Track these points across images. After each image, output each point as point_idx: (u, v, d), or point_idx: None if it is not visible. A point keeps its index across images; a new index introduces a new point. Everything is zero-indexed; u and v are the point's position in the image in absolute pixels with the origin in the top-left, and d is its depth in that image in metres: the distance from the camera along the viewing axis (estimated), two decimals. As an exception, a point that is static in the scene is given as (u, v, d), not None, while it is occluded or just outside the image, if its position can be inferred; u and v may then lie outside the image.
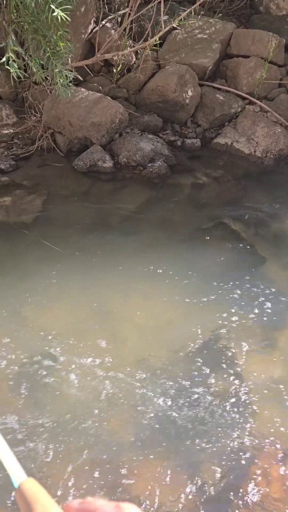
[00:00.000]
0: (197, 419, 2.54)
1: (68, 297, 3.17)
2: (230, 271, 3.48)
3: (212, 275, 3.42)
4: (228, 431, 2.50)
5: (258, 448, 2.46)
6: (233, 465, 2.37)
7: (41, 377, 2.67)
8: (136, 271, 3.39)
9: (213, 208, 4.08)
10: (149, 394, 2.63)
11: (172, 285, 3.31)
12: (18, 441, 2.38)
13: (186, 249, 3.63)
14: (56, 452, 2.36)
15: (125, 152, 4.33)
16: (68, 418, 2.50)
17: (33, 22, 3.23)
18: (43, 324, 2.97)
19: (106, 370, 2.73)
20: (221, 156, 4.66)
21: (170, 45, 4.84)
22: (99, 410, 2.54)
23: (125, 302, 3.18)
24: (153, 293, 3.25)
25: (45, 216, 3.83)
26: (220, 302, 3.22)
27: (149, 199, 4.13)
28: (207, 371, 2.78)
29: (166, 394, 2.63)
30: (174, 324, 3.05)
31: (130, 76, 4.75)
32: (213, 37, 4.92)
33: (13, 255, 3.42)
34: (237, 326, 3.07)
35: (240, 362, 2.85)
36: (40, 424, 2.47)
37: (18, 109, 4.65)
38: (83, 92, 4.40)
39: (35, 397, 2.58)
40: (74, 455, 2.36)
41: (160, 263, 3.47)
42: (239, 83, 4.86)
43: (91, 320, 3.03)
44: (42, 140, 4.40)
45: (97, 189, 4.16)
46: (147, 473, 2.32)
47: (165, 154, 4.42)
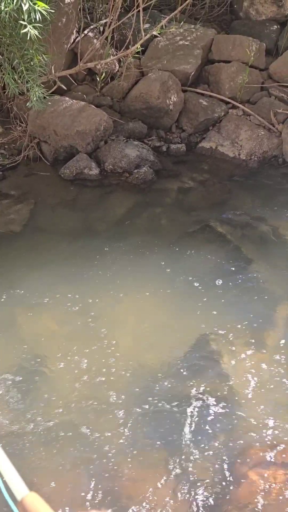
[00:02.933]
0: (189, 422, 2.56)
1: (58, 304, 3.19)
2: (217, 273, 3.52)
3: (200, 278, 3.46)
4: (220, 433, 2.53)
5: (249, 449, 2.48)
6: (226, 467, 2.40)
7: (32, 384, 2.68)
8: (125, 276, 3.42)
9: (199, 211, 4.13)
10: (142, 398, 2.65)
11: (161, 288, 3.35)
12: (9, 449, 2.38)
13: (174, 252, 3.67)
14: (49, 461, 2.37)
15: (111, 159, 4.37)
16: (61, 425, 2.51)
17: (11, 35, 3.28)
18: (33, 332, 2.99)
19: (97, 375, 2.74)
20: (206, 160, 4.72)
21: (152, 53, 4.91)
22: (92, 416, 2.55)
23: (114, 307, 3.20)
24: (142, 297, 3.28)
25: (33, 224, 3.85)
26: (208, 304, 3.25)
27: (136, 205, 4.17)
28: (198, 374, 2.80)
29: (159, 398, 2.65)
30: (164, 327, 3.08)
31: (114, 84, 4.80)
32: (194, 43, 4.99)
33: (2, 264, 3.44)
34: (226, 328, 3.10)
35: (230, 364, 2.88)
36: (32, 431, 2.48)
37: (4, 120, 4.68)
38: (67, 101, 4.44)
39: (26, 405, 2.59)
40: (68, 463, 2.36)
41: (148, 268, 3.50)
42: (222, 87, 4.93)
43: (82, 326, 3.05)
44: (28, 150, 4.44)
45: (84, 196, 4.20)
46: (141, 477, 2.33)
47: (150, 160, 4.47)
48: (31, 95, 3.66)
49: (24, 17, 2.97)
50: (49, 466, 2.35)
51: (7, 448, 2.38)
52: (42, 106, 3.84)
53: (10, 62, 3.68)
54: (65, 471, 2.33)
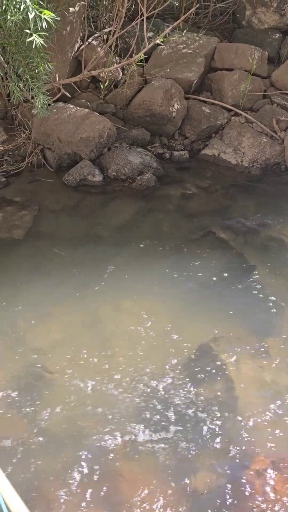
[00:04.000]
0: (189, 427, 2.56)
1: (61, 310, 3.20)
2: (220, 279, 3.52)
3: (202, 284, 3.47)
4: (222, 440, 2.52)
5: (250, 454, 2.47)
6: (226, 472, 2.39)
7: (35, 391, 2.69)
8: (127, 282, 3.43)
9: (202, 218, 4.15)
10: (145, 404, 2.65)
11: (163, 294, 3.35)
12: (12, 457, 2.39)
13: (176, 259, 3.68)
14: (53, 467, 2.36)
15: (114, 166, 4.40)
16: (64, 432, 2.51)
17: (16, 43, 3.32)
18: (36, 337, 2.99)
19: (99, 381, 2.74)
20: (209, 167, 4.74)
21: (155, 61, 4.96)
22: (95, 423, 2.55)
23: (117, 313, 3.21)
24: (144, 303, 3.29)
25: (36, 230, 3.87)
26: (210, 310, 3.26)
27: (139, 211, 4.18)
28: (200, 379, 2.80)
29: (160, 404, 2.65)
30: (166, 333, 3.08)
31: (117, 92, 4.85)
32: (197, 51, 5.03)
33: (4, 270, 3.46)
34: (228, 334, 3.10)
35: (232, 369, 2.88)
36: (35, 438, 2.48)
37: (8, 127, 4.72)
38: (71, 108, 4.48)
39: (29, 412, 2.59)
40: (71, 469, 2.36)
41: (151, 274, 3.51)
42: (224, 95, 4.97)
43: (85, 332, 3.06)
44: (32, 157, 4.47)
45: (87, 203, 4.22)
46: (141, 482, 2.33)
47: (153, 166, 4.50)
48: (36, 102, 3.70)
49: (30, 26, 3.01)
50: (52, 472, 2.34)
51: (12, 454, 2.39)
52: (46, 113, 3.88)
53: (15, 70, 3.72)
54: (68, 476, 2.33)
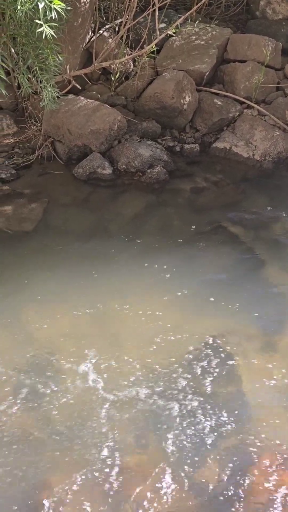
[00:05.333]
0: (197, 423, 2.55)
1: (69, 304, 3.20)
2: (230, 275, 3.49)
3: (212, 279, 3.44)
4: (228, 434, 2.51)
5: (258, 451, 2.46)
6: (234, 466, 2.37)
7: (42, 384, 2.70)
8: (136, 276, 3.42)
9: (212, 212, 4.11)
10: (150, 399, 2.64)
11: (172, 289, 3.33)
12: (18, 451, 2.40)
13: (186, 253, 3.65)
14: (55, 460, 2.37)
15: (124, 159, 4.37)
16: (69, 425, 2.51)
17: (26, 34, 3.29)
18: (44, 331, 3.00)
19: (106, 375, 2.74)
20: (220, 160, 4.69)
21: (167, 52, 4.90)
22: (100, 415, 2.55)
23: (125, 308, 3.20)
24: (153, 298, 3.28)
25: (45, 223, 3.87)
26: (220, 306, 3.23)
27: (148, 205, 4.16)
28: (207, 376, 2.79)
29: (167, 399, 2.64)
30: (175, 328, 3.06)
31: (128, 84, 4.80)
32: (210, 43, 4.96)
33: (14, 263, 3.46)
34: (237, 330, 3.08)
35: (240, 364, 2.86)
36: (41, 430, 2.49)
37: (19, 119, 4.71)
38: (81, 100, 4.45)
39: (35, 404, 2.60)
40: (75, 463, 2.37)
41: (160, 268, 3.49)
42: (237, 87, 4.90)
43: (92, 326, 3.06)
44: (42, 149, 4.46)
45: (97, 195, 4.20)
46: (147, 476, 2.33)
47: (164, 159, 4.46)
48: (44, 94, 3.68)
49: (40, 16, 2.97)
50: (59, 465, 2.35)
51: (17, 446, 2.40)
52: (54, 106, 3.85)
53: (25, 62, 3.70)
54: (73, 469, 2.34)
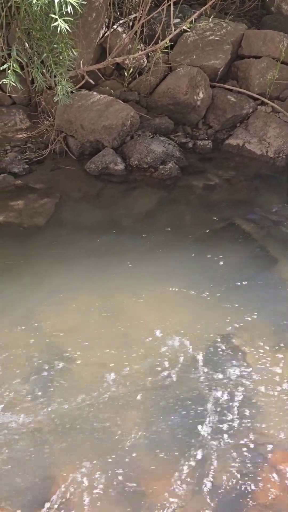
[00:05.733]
0: (209, 421, 2.54)
1: (80, 298, 3.20)
2: (241, 272, 3.47)
3: (223, 276, 3.42)
4: (239, 431, 2.50)
5: (269, 449, 2.44)
6: (245, 464, 2.36)
7: (52, 378, 2.70)
8: (147, 273, 3.41)
9: (224, 209, 4.08)
10: (162, 395, 2.64)
11: (183, 286, 3.32)
12: (28, 441, 2.41)
13: (197, 250, 3.63)
14: (65, 453, 2.38)
15: (137, 155, 4.36)
16: (80, 420, 2.52)
17: (41, 29, 3.29)
18: (55, 325, 3.01)
19: (117, 371, 2.75)
20: (233, 157, 4.65)
21: (181, 48, 4.86)
22: (111, 410, 2.56)
23: (136, 303, 3.20)
24: (164, 294, 3.27)
25: (57, 218, 3.88)
26: (231, 304, 3.21)
27: (160, 201, 4.14)
28: (218, 373, 2.78)
29: (177, 396, 2.64)
30: (185, 325, 3.06)
31: (142, 79, 4.78)
32: (224, 38, 4.92)
33: (26, 257, 3.48)
34: (248, 328, 3.06)
35: (252, 364, 2.84)
36: (51, 424, 2.50)
37: (31, 114, 4.72)
38: (94, 95, 4.45)
39: (47, 398, 2.61)
40: (84, 457, 2.38)
41: (171, 264, 3.48)
42: (251, 84, 4.85)
43: (103, 321, 3.06)
44: (54, 144, 4.46)
45: (108, 191, 4.20)
46: (159, 474, 2.33)
47: (176, 156, 4.44)
48: (58, 89, 3.68)
49: (55, 11, 2.97)
50: (68, 459, 2.36)
51: (28, 441, 2.41)
52: (68, 101, 3.85)
53: (39, 56, 3.70)
54: (83, 464, 2.34)
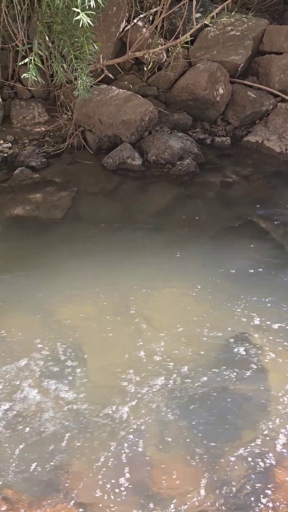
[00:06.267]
0: (221, 416, 2.53)
1: (95, 292, 3.21)
2: (258, 271, 3.44)
3: (239, 274, 3.39)
4: (252, 429, 2.48)
5: (283, 450, 2.42)
6: (257, 463, 2.35)
7: (65, 370, 2.72)
8: (163, 269, 3.40)
9: (242, 206, 4.05)
10: (172, 393, 2.63)
11: (199, 283, 3.30)
12: (41, 434, 2.43)
13: (213, 247, 3.61)
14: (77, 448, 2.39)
15: (154, 150, 4.34)
16: (91, 413, 2.53)
17: (62, 22, 3.29)
18: (69, 317, 3.02)
19: (129, 366, 2.75)
20: (251, 154, 4.61)
21: (201, 43, 4.82)
22: (124, 405, 2.56)
23: (151, 299, 3.19)
24: (179, 291, 3.26)
25: (74, 212, 3.89)
26: (247, 302, 3.18)
27: (177, 197, 4.13)
28: (232, 372, 2.76)
29: (191, 393, 2.63)
30: (200, 323, 3.04)
31: (161, 74, 4.76)
32: (245, 34, 4.86)
33: (43, 250, 3.50)
34: (264, 327, 3.03)
35: (267, 363, 2.82)
36: (64, 416, 2.51)
37: (50, 108, 4.74)
38: (113, 90, 4.44)
39: (58, 390, 2.62)
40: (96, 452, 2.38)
41: (187, 261, 3.47)
42: (271, 80, 4.79)
43: (118, 316, 3.06)
44: (72, 138, 4.47)
45: (125, 186, 4.20)
46: (171, 469, 2.33)
47: (194, 152, 4.41)
48: (78, 83, 3.68)
49: (78, 4, 2.97)
50: (83, 452, 2.38)
51: (40, 429, 2.43)
52: (88, 95, 3.86)
53: (59, 50, 3.70)
54: (94, 457, 2.36)
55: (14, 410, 2.51)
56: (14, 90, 4.70)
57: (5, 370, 2.69)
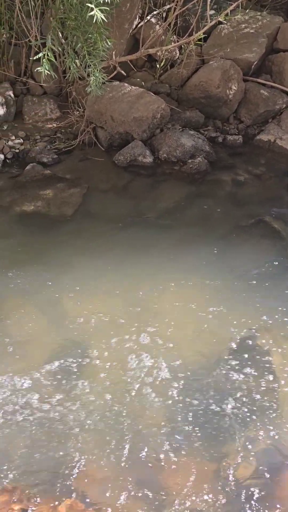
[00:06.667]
0: (229, 415, 2.51)
1: (104, 289, 3.21)
2: (268, 271, 3.41)
3: (249, 274, 3.37)
4: (261, 428, 2.46)
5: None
6: (265, 462, 2.33)
7: (73, 367, 2.72)
8: (173, 267, 3.39)
9: (253, 205, 4.01)
10: (182, 390, 2.62)
11: (209, 281, 3.28)
12: (49, 433, 2.43)
13: (223, 246, 3.59)
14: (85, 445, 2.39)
15: (166, 148, 4.32)
16: (100, 410, 2.52)
17: (76, 18, 3.28)
18: (78, 314, 3.02)
19: (138, 363, 2.74)
20: (263, 153, 4.57)
21: (215, 40, 4.79)
22: (132, 403, 2.56)
23: (160, 297, 3.18)
24: (188, 289, 3.24)
25: (84, 209, 3.89)
26: (257, 302, 3.16)
27: (188, 195, 4.11)
28: (242, 370, 2.74)
29: (201, 391, 2.62)
30: (210, 321, 3.02)
31: (173, 72, 4.74)
32: (259, 31, 4.82)
33: (53, 245, 3.50)
34: (274, 327, 3.00)
35: (276, 362, 2.79)
36: (73, 414, 2.51)
37: (62, 104, 4.74)
38: (126, 87, 4.43)
39: (69, 384, 2.63)
40: (104, 449, 2.38)
41: (197, 260, 3.45)
42: (285, 78, 4.75)
43: (126, 313, 3.06)
44: (84, 135, 4.47)
45: (136, 184, 4.19)
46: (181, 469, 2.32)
47: (206, 150, 4.38)
48: (91, 80, 3.67)
49: (92, 0, 2.95)
50: (91, 449, 2.37)
51: (49, 424, 2.43)
52: (100, 91, 3.84)
53: (73, 46, 3.70)
54: (102, 454, 2.35)
55: (23, 405, 2.51)
56: (26, 86, 4.70)
57: (14, 363, 2.70)
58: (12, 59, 4.57)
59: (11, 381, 2.62)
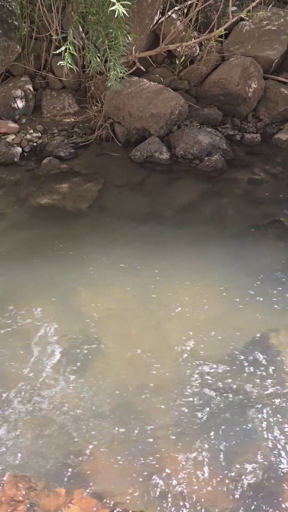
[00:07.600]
0: (238, 415, 2.51)
1: (118, 284, 3.22)
2: (283, 271, 3.38)
3: (263, 273, 3.34)
4: (269, 429, 2.45)
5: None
6: (271, 463, 2.33)
7: (83, 359, 2.74)
8: (186, 265, 3.38)
9: (269, 205, 3.98)
10: (192, 387, 2.62)
11: (222, 280, 3.27)
12: (57, 425, 2.45)
13: (238, 245, 3.57)
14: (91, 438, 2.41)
15: (183, 145, 4.31)
16: (108, 405, 2.54)
17: (97, 13, 3.28)
18: (91, 307, 3.04)
19: (147, 360, 2.75)
20: (281, 152, 4.52)
21: (236, 37, 4.74)
22: (141, 398, 2.57)
23: (173, 295, 3.18)
24: (201, 287, 3.23)
25: (100, 204, 3.90)
26: (270, 302, 3.14)
27: (203, 193, 4.09)
28: (253, 371, 2.73)
29: (210, 389, 2.61)
30: (222, 320, 3.02)
31: (193, 68, 4.71)
32: (281, 28, 4.75)
33: (68, 240, 3.52)
34: (286, 328, 2.98)
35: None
36: (83, 405, 2.54)
37: (80, 99, 4.76)
38: (144, 83, 4.42)
39: (78, 380, 2.65)
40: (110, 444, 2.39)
41: (211, 258, 3.44)
42: (306, 77, 4.68)
43: (139, 309, 3.07)
44: (101, 130, 4.48)
45: (152, 180, 4.18)
46: (185, 465, 2.32)
47: (223, 148, 4.36)
48: (110, 74, 3.67)
49: (113, -5, 2.95)
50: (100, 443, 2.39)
51: (60, 415, 2.46)
52: (120, 86, 3.85)
53: (93, 41, 3.70)
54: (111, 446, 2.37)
55: (33, 395, 2.54)
56: (45, 80, 4.73)
57: (28, 353, 2.74)
58: (32, 53, 4.60)
59: (22, 370, 2.65)
